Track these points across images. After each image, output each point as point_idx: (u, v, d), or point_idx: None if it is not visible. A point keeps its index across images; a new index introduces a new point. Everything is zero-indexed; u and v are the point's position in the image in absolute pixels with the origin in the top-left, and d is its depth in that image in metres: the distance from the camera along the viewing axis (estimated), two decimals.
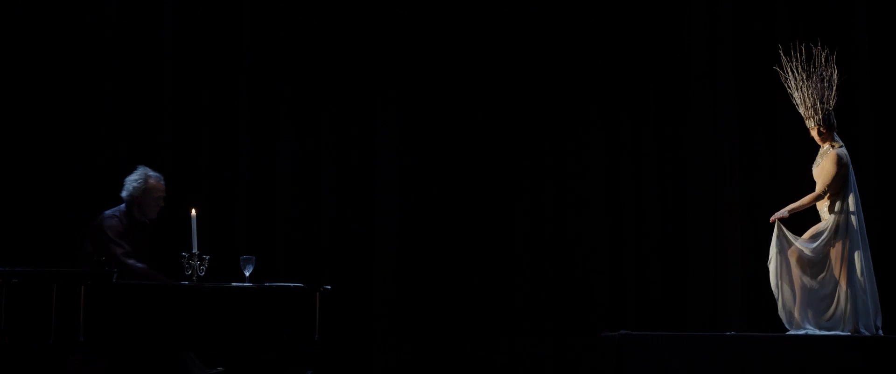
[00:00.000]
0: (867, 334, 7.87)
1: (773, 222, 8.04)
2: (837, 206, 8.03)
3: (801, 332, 7.96)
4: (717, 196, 9.80)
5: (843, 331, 7.91)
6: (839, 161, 8.02)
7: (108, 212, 7.81)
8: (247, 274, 7.19)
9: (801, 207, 8.10)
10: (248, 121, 9.78)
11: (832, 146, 8.09)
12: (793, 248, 8.01)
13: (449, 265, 9.82)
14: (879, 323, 7.97)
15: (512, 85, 9.96)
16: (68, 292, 6.73)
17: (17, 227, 9.13)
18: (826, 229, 8.02)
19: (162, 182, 7.91)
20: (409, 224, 9.87)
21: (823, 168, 8.06)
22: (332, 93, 9.90)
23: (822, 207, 8.11)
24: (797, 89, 8.18)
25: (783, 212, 8.07)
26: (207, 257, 7.15)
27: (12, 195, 9.25)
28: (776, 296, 8.03)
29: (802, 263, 8.02)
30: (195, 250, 7.11)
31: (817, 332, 7.91)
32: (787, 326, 8.03)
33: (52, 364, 6.85)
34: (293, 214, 9.73)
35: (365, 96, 9.96)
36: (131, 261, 7.53)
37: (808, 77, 8.17)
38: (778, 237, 8.04)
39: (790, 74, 8.21)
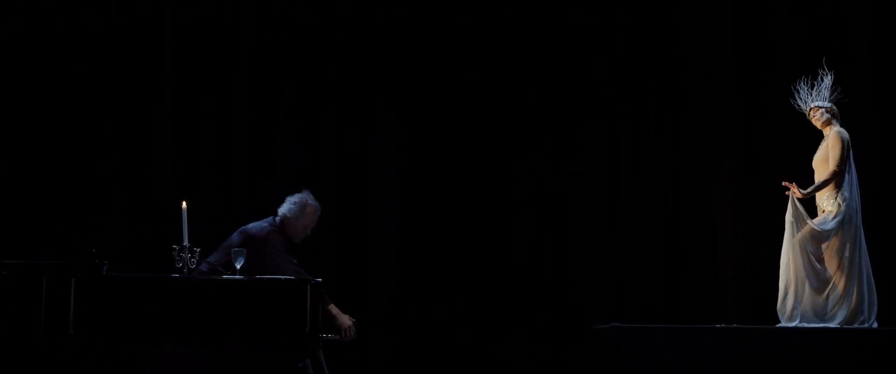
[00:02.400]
0: (861, 327, 7.87)
1: (787, 192, 8.03)
2: (840, 196, 8.02)
3: (793, 324, 7.96)
4: (717, 194, 9.79)
5: (835, 324, 7.90)
6: (841, 136, 8.04)
7: (266, 226, 7.84)
8: (238, 267, 7.20)
9: (814, 191, 8.05)
10: (248, 120, 9.79)
11: (834, 129, 8.12)
12: (806, 227, 8.01)
13: (448, 264, 9.82)
14: (875, 317, 7.97)
15: (511, 83, 9.97)
16: (58, 284, 6.72)
17: (20, 226, 9.16)
18: (831, 220, 8.00)
19: (318, 213, 8.00)
20: (408, 223, 9.87)
21: (829, 147, 8.06)
22: (332, 93, 9.91)
23: (822, 197, 8.10)
24: (802, 100, 8.26)
25: (799, 190, 8.03)
26: (198, 250, 7.14)
27: (12, 194, 9.28)
28: (781, 279, 8.04)
29: (809, 247, 8.01)
30: (186, 243, 7.11)
31: (809, 325, 7.91)
32: (779, 315, 8.03)
33: (43, 357, 6.86)
34: None
35: (365, 96, 9.97)
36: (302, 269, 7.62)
37: (811, 88, 8.30)
38: (793, 213, 8.03)
39: (800, 91, 8.32)
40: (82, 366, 6.96)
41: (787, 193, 8.10)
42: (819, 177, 8.13)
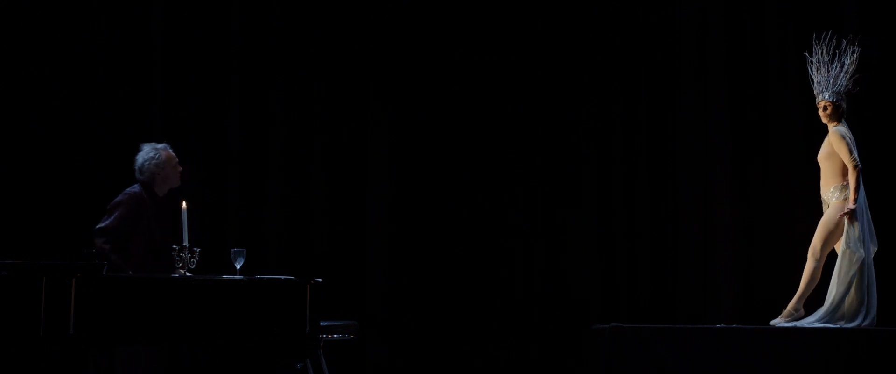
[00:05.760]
0: (859, 327, 7.90)
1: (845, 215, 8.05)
2: (846, 190, 8.06)
3: (791, 324, 7.99)
4: (708, 192, 9.81)
5: (834, 323, 7.93)
6: (841, 134, 8.06)
7: (129, 189, 7.93)
8: (238, 267, 7.19)
9: (855, 194, 8.04)
10: (239, 115, 9.78)
11: (835, 126, 8.13)
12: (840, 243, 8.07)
13: (440, 260, 9.82)
14: (874, 315, 8.00)
15: (503, 80, 9.98)
16: (58, 284, 6.70)
17: (20, 226, 9.14)
18: (846, 222, 8.02)
19: (170, 149, 8.05)
20: (400, 220, 9.88)
21: (833, 146, 8.07)
22: (324, 87, 9.91)
23: (828, 190, 8.12)
24: (817, 70, 8.24)
25: (854, 205, 8.04)
26: (198, 250, 7.15)
27: (13, 194, 9.26)
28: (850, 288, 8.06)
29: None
30: (186, 243, 7.10)
31: (808, 325, 7.93)
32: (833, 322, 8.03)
33: (43, 357, 6.84)
34: (284, 207, 9.73)
35: (357, 92, 9.96)
36: (101, 239, 7.66)
37: (831, 60, 8.22)
38: (847, 231, 8.06)
39: (818, 54, 8.25)
40: (82, 366, 6.96)
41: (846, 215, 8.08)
42: (826, 173, 8.15)
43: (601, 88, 9.97)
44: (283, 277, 7.05)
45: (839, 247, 8.06)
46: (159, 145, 8.02)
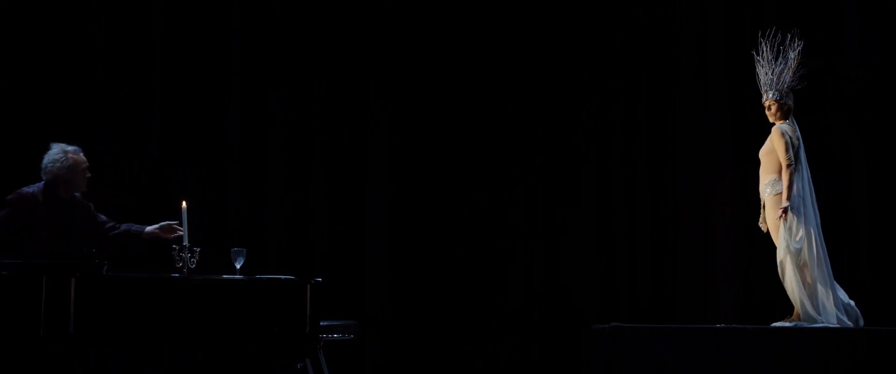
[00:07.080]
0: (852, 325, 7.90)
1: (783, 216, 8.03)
2: (779, 185, 8.07)
3: (791, 324, 7.99)
4: (708, 192, 9.81)
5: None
6: (781, 131, 8.05)
7: (24, 189, 7.68)
8: (238, 267, 7.19)
9: (788, 193, 8.03)
10: (239, 115, 9.78)
11: (781, 124, 8.12)
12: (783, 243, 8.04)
13: (440, 260, 9.82)
14: (842, 314, 7.97)
15: (503, 80, 9.97)
16: (58, 284, 6.71)
17: None
18: (782, 222, 8.01)
19: (82, 154, 7.77)
20: (400, 220, 9.87)
21: (773, 144, 8.09)
22: (324, 87, 9.91)
23: (765, 187, 8.12)
24: (762, 67, 8.22)
25: (787, 203, 8.03)
26: (198, 250, 7.15)
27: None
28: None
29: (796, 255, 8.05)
30: (186, 243, 7.10)
31: (807, 325, 7.93)
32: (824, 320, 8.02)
33: (41, 358, 6.84)
34: (284, 207, 9.73)
35: (357, 92, 9.96)
36: None
37: (776, 57, 8.19)
38: (788, 229, 8.04)
39: (763, 52, 8.23)
40: (82, 366, 6.96)
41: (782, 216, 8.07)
42: (764, 168, 8.17)
43: (601, 88, 9.97)
44: (283, 277, 7.06)
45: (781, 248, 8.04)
46: (70, 148, 7.73)
